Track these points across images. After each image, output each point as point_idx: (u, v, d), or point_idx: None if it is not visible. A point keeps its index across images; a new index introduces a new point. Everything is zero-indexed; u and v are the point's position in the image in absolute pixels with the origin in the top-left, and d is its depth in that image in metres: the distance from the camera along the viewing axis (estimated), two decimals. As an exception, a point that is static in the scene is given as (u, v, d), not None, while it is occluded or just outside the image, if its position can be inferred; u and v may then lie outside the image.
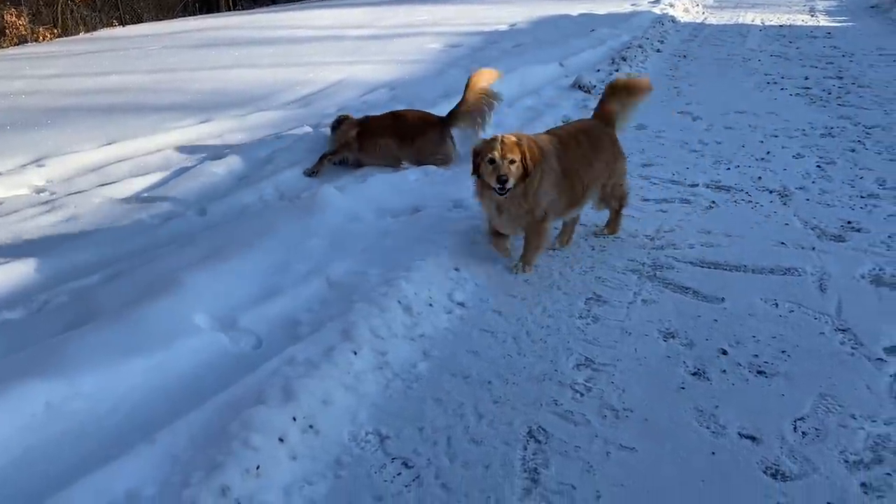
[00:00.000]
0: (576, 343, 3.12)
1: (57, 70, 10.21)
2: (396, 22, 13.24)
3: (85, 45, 13.37)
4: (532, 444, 2.52)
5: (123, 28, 16.97)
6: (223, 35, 12.95)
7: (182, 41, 12.45)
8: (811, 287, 3.49)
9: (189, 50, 11.26)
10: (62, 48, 13.05)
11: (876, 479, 2.31)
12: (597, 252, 3.97)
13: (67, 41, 14.92)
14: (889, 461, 2.38)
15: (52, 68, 10.40)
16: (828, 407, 2.66)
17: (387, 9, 15.66)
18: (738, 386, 2.80)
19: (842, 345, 3.03)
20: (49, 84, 8.96)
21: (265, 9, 21.12)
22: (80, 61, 10.96)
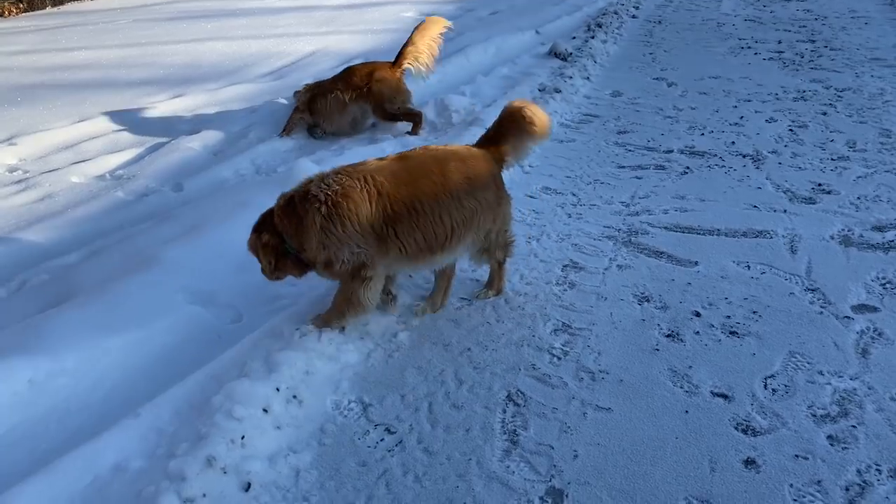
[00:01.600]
0: (553, 309, 3.18)
1: (25, 46, 10.00)
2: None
3: (52, 19, 13.07)
4: (511, 408, 2.58)
5: (91, 1, 16.59)
6: (194, 7, 12.71)
7: (152, 14, 12.21)
8: (782, 249, 3.57)
9: (160, 23, 11.06)
10: (29, 23, 12.75)
11: (841, 431, 2.40)
12: (573, 220, 4.02)
13: (34, 16, 14.56)
14: (854, 414, 2.47)
15: (19, 44, 10.17)
16: (797, 364, 2.75)
17: (360, -22, 15.41)
18: (711, 346, 2.88)
19: (811, 304, 3.12)
20: (17, 60, 8.78)
21: (236, -21, 20.70)
22: (49, 36, 10.73)
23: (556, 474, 2.28)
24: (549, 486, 2.23)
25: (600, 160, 4.87)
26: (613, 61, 7.57)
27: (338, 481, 2.28)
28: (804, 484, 2.20)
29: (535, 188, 4.46)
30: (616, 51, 7.99)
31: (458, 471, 2.31)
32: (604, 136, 5.32)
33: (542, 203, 4.26)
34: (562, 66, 7.04)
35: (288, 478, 2.29)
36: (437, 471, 2.31)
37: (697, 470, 2.27)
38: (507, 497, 2.20)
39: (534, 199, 4.32)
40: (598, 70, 7.12)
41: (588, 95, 6.36)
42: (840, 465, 2.26)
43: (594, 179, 4.56)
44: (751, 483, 2.21)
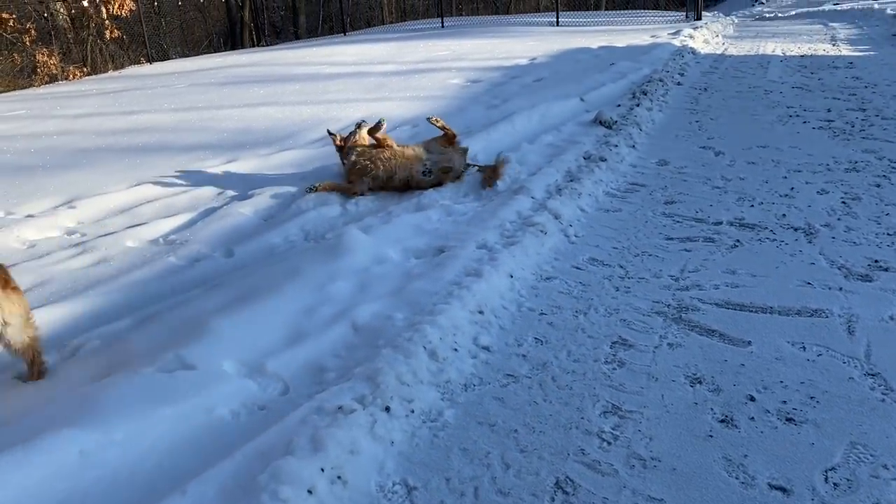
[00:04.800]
0: (602, 389, 3.11)
1: (86, 109, 10.48)
2: (417, 57, 13.42)
3: (113, 83, 13.71)
4: (560, 495, 2.51)
5: (150, 65, 17.37)
6: (247, 72, 13.22)
7: (208, 79, 12.72)
8: (839, 329, 3.46)
9: (215, 88, 11.50)
10: (91, 87, 13.40)
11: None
12: (621, 293, 3.97)
13: (96, 79, 15.31)
14: (927, 515, 2.34)
15: (81, 108, 10.67)
16: (859, 456, 2.63)
17: (408, 44, 15.89)
18: (767, 434, 2.77)
19: (872, 390, 3.00)
20: (80, 124, 9.20)
21: (288, 44, 21.55)
22: (109, 100, 11.24)
23: (608, 571, 2.19)
24: (599, 584, 2.15)
25: (648, 231, 4.83)
26: (659, 129, 7.58)
27: (382, 570, 2.23)
28: (873, 592, 2.07)
29: (582, 259, 4.44)
30: (661, 119, 8.01)
31: (505, 563, 2.24)
32: (651, 207, 5.29)
33: (589, 275, 4.23)
34: (607, 133, 7.08)
35: (332, 564, 2.25)
36: (484, 562, 2.25)
37: (757, 571, 2.17)
38: None
39: (580, 271, 4.29)
40: (644, 138, 7.14)
41: (634, 164, 6.36)
42: (912, 573, 2.13)
43: (642, 251, 4.52)
44: (815, 589, 2.10)
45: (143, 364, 3.15)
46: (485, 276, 3.98)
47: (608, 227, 4.95)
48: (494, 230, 4.67)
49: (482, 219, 4.92)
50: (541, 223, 4.72)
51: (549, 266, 4.37)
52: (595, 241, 4.73)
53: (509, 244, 4.43)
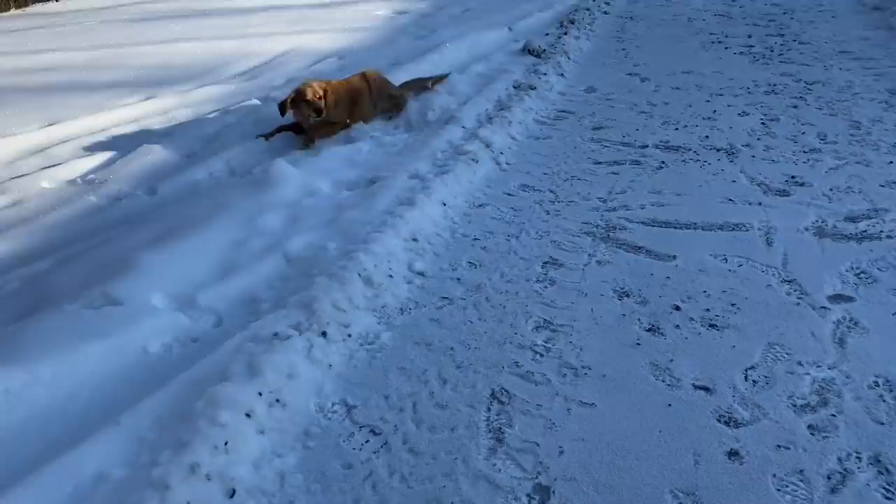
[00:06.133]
0: (534, 306, 3.18)
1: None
2: (342, -10, 12.97)
3: (17, 21, 12.83)
4: (495, 405, 2.58)
5: (57, 3, 16.31)
6: (163, 8, 12.54)
7: (120, 15, 12.03)
8: (758, 241, 3.61)
9: (128, 25, 10.89)
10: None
11: (821, 420, 2.44)
12: (552, 217, 4.03)
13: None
14: (833, 403, 2.51)
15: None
16: (776, 355, 2.78)
17: (331, -24, 15.32)
18: (691, 339, 2.90)
19: (788, 295, 3.16)
20: (-18, 64, 8.60)
21: (205, -21, 20.46)
22: (14, 39, 10.52)
23: (543, 471, 2.28)
24: (535, 483, 2.24)
25: (577, 156, 4.89)
26: (587, 57, 7.60)
27: (323, 484, 2.27)
28: (787, 474, 2.23)
29: (513, 185, 4.47)
30: (589, 47, 8.02)
31: (444, 470, 2.31)
32: (579, 133, 5.34)
33: (521, 200, 4.27)
34: (536, 62, 7.06)
35: (273, 482, 2.27)
36: (423, 471, 2.31)
37: (682, 463, 2.29)
38: (493, 495, 2.20)
39: (512, 197, 4.32)
40: (572, 66, 7.15)
41: (563, 92, 6.39)
42: (821, 455, 2.30)
43: (571, 176, 4.58)
44: (735, 474, 2.24)
45: (68, 301, 3.05)
46: (418, 204, 3.97)
47: (538, 154, 4.99)
48: (426, 160, 4.65)
49: (413, 149, 4.88)
50: (472, 152, 4.71)
51: (482, 193, 4.39)
52: (526, 167, 4.77)
53: (441, 173, 4.41)
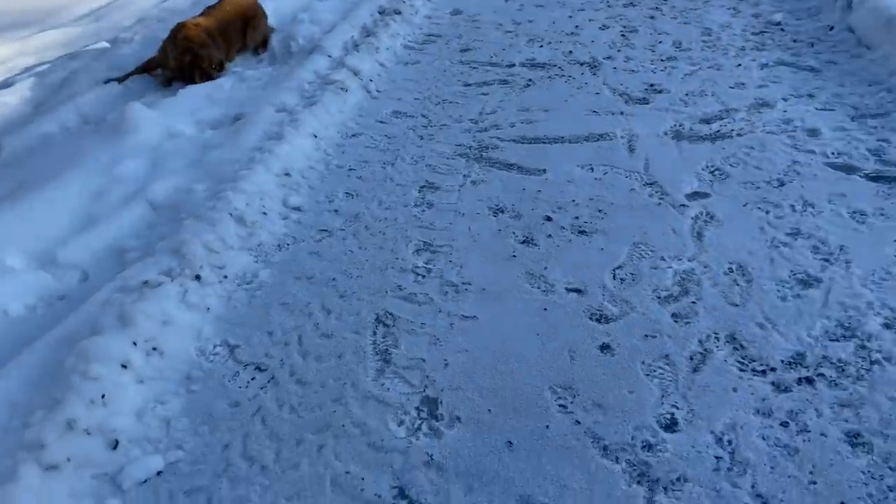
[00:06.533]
0: (413, 230, 3.21)
1: None
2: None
3: None
4: (381, 328, 2.62)
5: None
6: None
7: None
8: (621, 149, 3.76)
9: (-53, -33, 9.78)
10: None
11: (683, 308, 2.62)
12: (426, 141, 4.03)
13: None
14: (693, 292, 2.69)
15: None
16: (641, 254, 2.94)
17: None
18: (563, 247, 3.02)
19: (650, 197, 3.32)
20: None
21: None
22: None
23: (430, 384, 2.35)
24: (423, 396, 2.31)
25: (446, 79, 4.88)
26: (451, -20, 7.49)
27: (211, 425, 2.25)
28: (654, 359, 2.39)
29: (385, 113, 4.42)
30: (453, -31, 7.90)
31: (333, 396, 2.33)
32: (448, 55, 5.32)
33: (394, 127, 4.23)
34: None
35: (158, 429, 2.22)
36: (313, 399, 2.32)
37: (559, 361, 2.41)
38: (384, 413, 2.25)
39: (385, 125, 4.28)
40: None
41: (429, 15, 6.30)
42: (684, 339, 2.47)
43: (442, 99, 4.57)
44: (607, 365, 2.38)
45: None
46: (287, 138, 3.86)
47: (409, 80, 4.93)
48: (293, 92, 4.50)
49: (279, 82, 4.71)
50: (340, 81, 4.60)
51: (354, 123, 4.32)
52: (397, 93, 4.71)
53: (310, 104, 4.29)
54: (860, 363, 2.31)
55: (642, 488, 1.96)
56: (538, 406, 2.24)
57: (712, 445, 2.07)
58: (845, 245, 2.86)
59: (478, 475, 2.02)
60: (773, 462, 2.01)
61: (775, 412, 2.17)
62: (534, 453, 2.08)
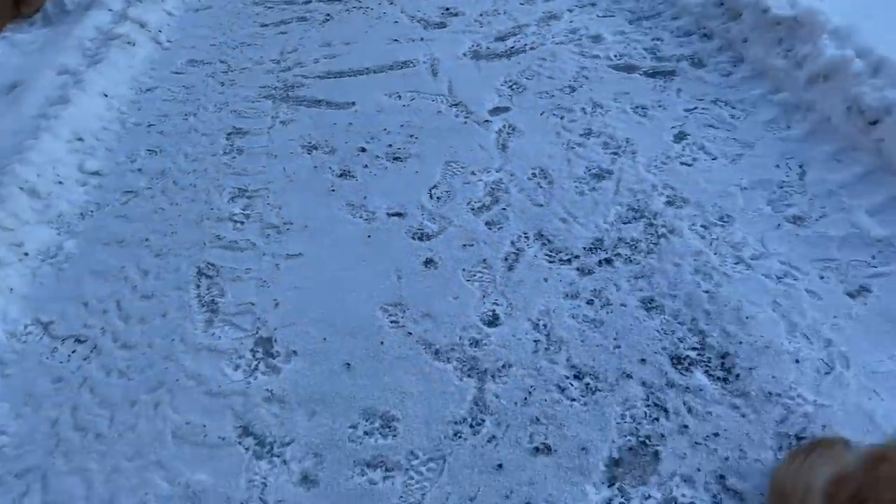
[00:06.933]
0: (226, 178, 3.14)
1: None
2: None
3: None
4: (204, 281, 2.57)
5: None
6: None
7: None
8: (425, 73, 3.84)
9: None
10: None
11: (495, 216, 2.78)
12: (227, 87, 3.90)
13: None
14: (503, 199, 2.86)
15: None
16: (453, 171, 3.07)
17: None
18: (380, 175, 3.08)
19: (456, 117, 3.44)
20: None
21: None
22: None
23: (262, 325, 2.36)
24: (257, 338, 2.32)
25: (242, 22, 4.70)
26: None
27: (34, 405, 2.14)
28: (473, 266, 2.54)
29: (180, 63, 4.21)
30: None
31: (163, 354, 2.28)
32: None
33: (191, 77, 4.05)
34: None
35: (-26, 422, 2.09)
36: (142, 361, 2.27)
37: (387, 282, 2.50)
38: (218, 361, 2.24)
39: (182, 75, 4.08)
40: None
41: (215, -42, 5.98)
42: (498, 243, 2.64)
43: (240, 43, 4.41)
44: (432, 278, 2.50)
45: None
46: (74, 101, 3.59)
47: (201, 26, 4.70)
48: (74, 51, 4.16)
49: (56, 42, 4.33)
50: (126, 34, 4.31)
51: (147, 77, 4.08)
52: (190, 42, 4.49)
53: (95, 63, 4.00)
54: (649, 239, 2.59)
55: (473, 380, 2.11)
56: (371, 326, 2.32)
57: (530, 331, 2.26)
58: (630, 138, 3.14)
59: (320, 400, 2.09)
60: (582, 336, 2.23)
61: (581, 293, 2.39)
62: (371, 369, 2.17)
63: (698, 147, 3.04)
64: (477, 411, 2.03)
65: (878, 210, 2.56)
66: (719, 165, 2.92)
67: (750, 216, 2.64)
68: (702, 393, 2.03)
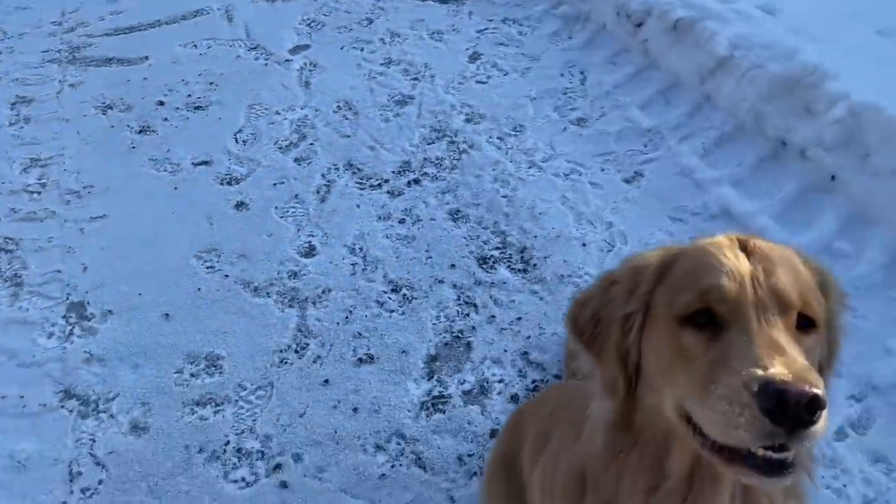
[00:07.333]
0: (15, 150, 2.95)
1: None
2: None
3: None
4: (4, 257, 2.44)
5: None
6: None
7: None
8: (220, 20, 3.75)
9: None
10: None
11: (303, 152, 2.82)
12: (5, 55, 3.61)
13: None
14: (310, 135, 2.90)
15: None
16: (257, 114, 3.06)
17: None
18: (182, 126, 3.02)
19: (256, 60, 3.41)
20: None
21: None
22: None
23: (72, 291, 2.29)
24: (68, 304, 2.25)
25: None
26: None
27: None
28: (285, 202, 2.58)
29: (-54, 34, 3.84)
30: None
31: (-34, 336, 2.17)
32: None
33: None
34: None
35: None
36: (-59, 346, 2.15)
37: (199, 230, 2.49)
38: (29, 332, 2.16)
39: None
40: None
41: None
42: (308, 177, 2.69)
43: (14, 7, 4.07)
44: (244, 220, 2.52)
45: None
46: None
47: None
48: None
49: None
50: None
51: None
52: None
53: None
54: (452, 156, 2.74)
55: (294, 309, 2.18)
56: (187, 275, 2.32)
57: (347, 256, 2.35)
58: (429, 63, 3.25)
59: (141, 353, 2.08)
60: (397, 253, 2.35)
61: (393, 214, 2.50)
62: (191, 315, 2.18)
63: (491, 65, 3.21)
64: (301, 337, 2.10)
65: (647, 104, 2.85)
66: (510, 80, 3.10)
67: (539, 123, 2.85)
68: (505, 285, 2.22)
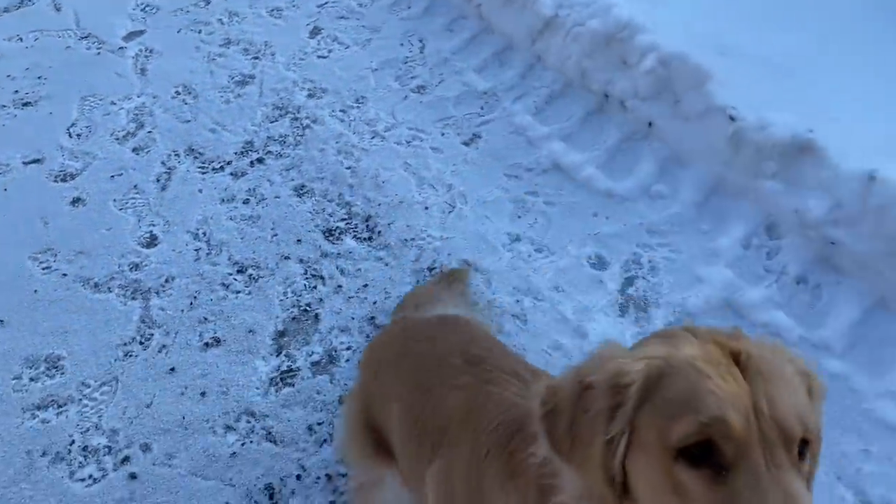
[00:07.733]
0: None
1: None
2: None
3: None
4: None
5: None
6: None
7: None
8: (48, 11, 3.55)
9: None
10: None
11: (142, 140, 2.74)
12: None
13: None
14: (148, 122, 2.82)
15: None
16: (91, 105, 2.94)
17: None
18: (10, 125, 2.86)
19: (88, 49, 3.26)
20: None
21: None
22: None
23: None
24: None
25: None
26: None
27: None
28: (124, 194, 2.51)
29: None
30: None
31: None
32: None
33: None
34: None
35: None
36: None
37: (33, 230, 2.38)
38: None
39: None
40: None
41: None
42: (147, 166, 2.62)
43: None
44: (81, 216, 2.43)
45: None
46: None
47: None
48: None
49: None
50: None
51: None
52: None
53: None
54: (296, 132, 2.73)
55: (137, 301, 2.14)
56: (21, 277, 2.23)
57: (190, 242, 2.32)
58: (269, 40, 3.21)
59: (-27, 364, 2.00)
60: (241, 234, 2.34)
61: (237, 195, 2.49)
62: (27, 319, 2.10)
63: (332, 39, 3.21)
64: (144, 328, 2.07)
65: (482, 67, 2.93)
66: (351, 53, 3.12)
67: (381, 94, 2.88)
68: (351, 255, 2.26)
